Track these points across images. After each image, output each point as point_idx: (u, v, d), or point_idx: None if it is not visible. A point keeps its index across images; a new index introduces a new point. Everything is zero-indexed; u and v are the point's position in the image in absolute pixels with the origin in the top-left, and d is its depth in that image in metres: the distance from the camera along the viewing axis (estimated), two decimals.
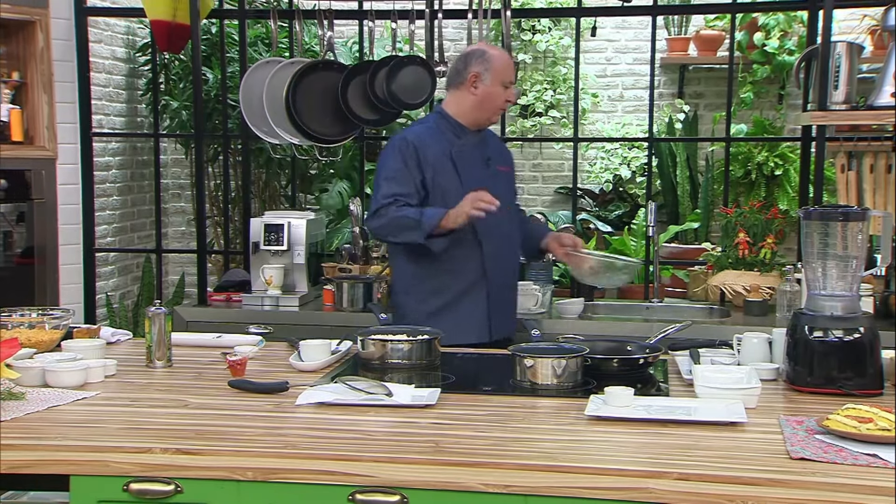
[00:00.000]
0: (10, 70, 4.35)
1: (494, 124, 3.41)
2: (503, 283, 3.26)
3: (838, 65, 3.55)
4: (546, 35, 5.81)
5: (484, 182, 3.17)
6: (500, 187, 3.22)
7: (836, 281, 2.42)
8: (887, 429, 1.92)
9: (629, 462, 1.85)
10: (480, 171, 3.25)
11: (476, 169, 3.25)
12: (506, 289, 3.29)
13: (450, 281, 3.18)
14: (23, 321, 2.75)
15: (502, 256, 3.26)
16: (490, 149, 3.33)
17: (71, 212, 4.45)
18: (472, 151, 3.26)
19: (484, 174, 3.24)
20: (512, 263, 3.35)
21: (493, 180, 3.23)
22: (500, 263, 3.24)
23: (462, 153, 3.24)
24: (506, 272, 3.29)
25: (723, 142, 4.70)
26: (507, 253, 3.29)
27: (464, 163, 3.23)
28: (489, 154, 3.30)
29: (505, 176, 3.37)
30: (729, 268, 3.70)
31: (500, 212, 3.13)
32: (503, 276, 3.26)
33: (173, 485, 1.94)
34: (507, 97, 3.25)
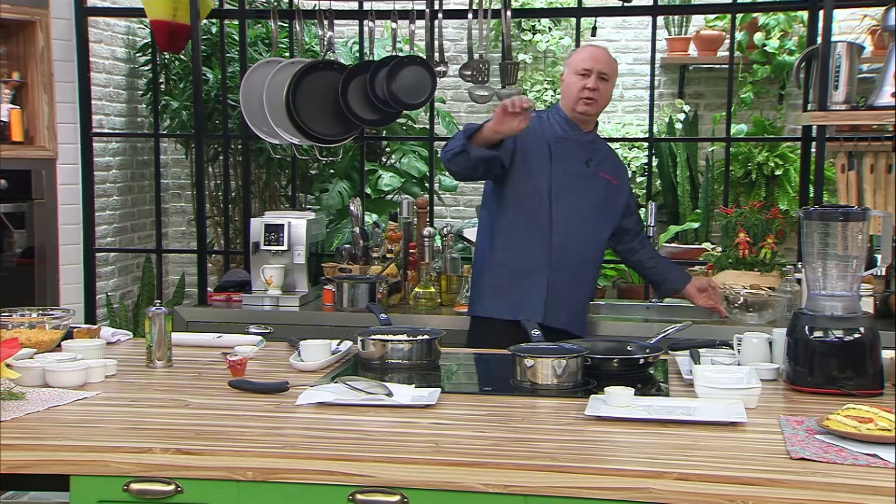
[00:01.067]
0: (10, 70, 4.35)
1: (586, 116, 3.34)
2: (571, 274, 3.28)
3: (838, 65, 3.55)
4: (546, 35, 5.81)
5: (576, 177, 3.29)
6: (594, 190, 3.33)
7: (837, 281, 2.42)
8: (887, 429, 1.92)
9: (629, 462, 1.85)
10: (577, 167, 3.31)
11: (572, 163, 3.31)
12: (574, 282, 3.30)
13: (516, 258, 3.27)
14: (23, 321, 2.75)
15: (574, 250, 3.28)
16: (598, 153, 3.39)
17: (71, 212, 4.45)
18: (574, 147, 3.33)
19: (580, 171, 3.31)
20: (586, 260, 3.36)
21: (588, 180, 3.32)
22: (570, 256, 3.28)
23: (562, 143, 3.32)
24: (575, 266, 3.30)
25: (723, 142, 4.69)
26: (581, 248, 3.31)
27: (560, 152, 3.30)
28: (594, 156, 3.36)
29: (605, 183, 3.38)
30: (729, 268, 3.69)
31: (583, 211, 3.29)
32: (571, 268, 3.28)
33: (173, 485, 1.94)
34: (585, 84, 3.27)
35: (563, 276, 3.26)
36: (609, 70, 3.34)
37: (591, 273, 3.43)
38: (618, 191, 3.43)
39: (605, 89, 3.34)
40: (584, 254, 3.34)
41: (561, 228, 3.27)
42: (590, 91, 3.28)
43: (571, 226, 3.28)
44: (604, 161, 3.41)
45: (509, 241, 3.30)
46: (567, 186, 3.29)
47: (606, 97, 3.37)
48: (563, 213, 3.27)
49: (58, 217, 4.41)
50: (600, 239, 3.41)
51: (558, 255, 3.26)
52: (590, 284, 3.44)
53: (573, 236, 3.28)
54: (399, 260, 3.97)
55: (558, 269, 3.26)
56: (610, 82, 3.35)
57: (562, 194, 3.28)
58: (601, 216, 3.38)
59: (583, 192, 3.32)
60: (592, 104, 3.31)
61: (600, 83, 3.30)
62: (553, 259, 3.26)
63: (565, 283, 3.27)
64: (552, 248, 3.26)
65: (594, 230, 3.36)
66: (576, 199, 3.30)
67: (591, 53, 3.35)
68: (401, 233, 4.03)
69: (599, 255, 3.46)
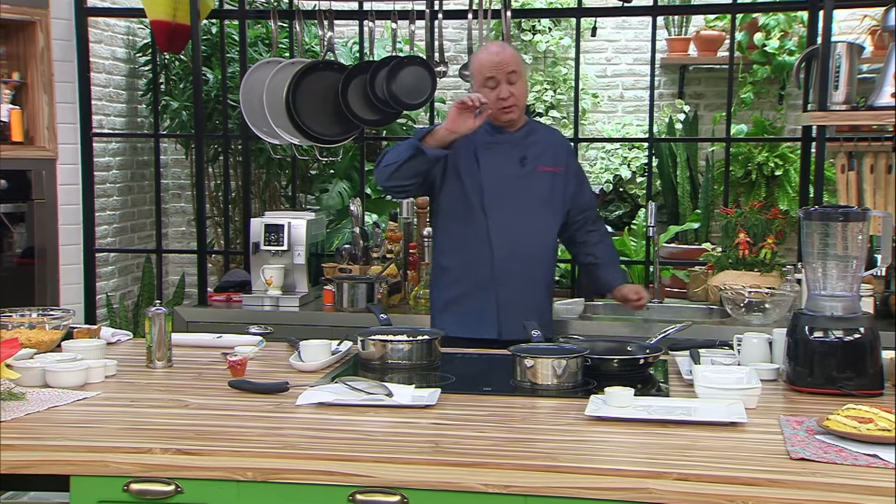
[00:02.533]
0: (10, 70, 4.35)
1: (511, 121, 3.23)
2: (521, 282, 3.20)
3: (838, 65, 3.55)
4: (546, 35, 5.81)
5: (510, 181, 3.21)
6: (535, 187, 3.24)
7: (837, 281, 2.42)
8: (887, 429, 1.92)
9: (629, 462, 1.85)
10: (510, 169, 3.23)
11: (504, 166, 3.22)
12: (527, 288, 3.21)
13: (461, 275, 3.23)
14: (23, 321, 2.75)
15: (520, 257, 3.20)
16: (534, 148, 3.27)
17: (71, 212, 4.46)
18: (504, 149, 3.25)
19: (514, 172, 3.23)
20: (536, 264, 3.26)
21: (526, 180, 3.23)
22: (516, 265, 3.19)
23: (489, 149, 3.23)
24: (525, 272, 3.21)
25: (723, 142, 4.70)
26: (528, 252, 3.22)
27: (489, 159, 3.22)
28: (527, 153, 3.26)
29: (548, 176, 3.27)
30: (729, 268, 3.69)
31: (525, 213, 3.20)
32: (520, 277, 3.20)
33: (173, 485, 1.94)
34: (498, 95, 3.15)
35: (512, 287, 3.18)
36: (514, 66, 3.18)
37: (546, 274, 3.31)
38: (564, 177, 3.31)
39: (518, 87, 3.19)
40: (533, 258, 3.24)
41: (501, 240, 3.18)
42: (504, 100, 3.16)
43: (515, 233, 3.18)
44: (543, 153, 3.28)
45: (452, 258, 3.25)
46: (501, 193, 3.20)
47: (524, 95, 3.24)
48: (501, 222, 3.18)
49: (58, 217, 4.42)
50: (551, 236, 3.30)
51: (502, 267, 3.17)
52: (546, 286, 3.31)
53: (518, 243, 3.19)
54: (399, 260, 3.97)
55: (504, 282, 3.18)
56: (520, 78, 3.20)
57: (496, 203, 3.19)
58: (548, 212, 3.28)
59: (521, 195, 3.21)
60: (511, 110, 3.19)
61: (511, 87, 3.16)
62: (496, 273, 3.18)
63: (516, 292, 3.19)
64: (494, 261, 3.18)
65: (542, 230, 3.26)
66: (514, 203, 3.20)
67: (489, 59, 3.17)
68: (401, 233, 4.03)
69: (552, 253, 3.33)
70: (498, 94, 3.16)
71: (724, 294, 3.48)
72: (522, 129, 3.29)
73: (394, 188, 3.23)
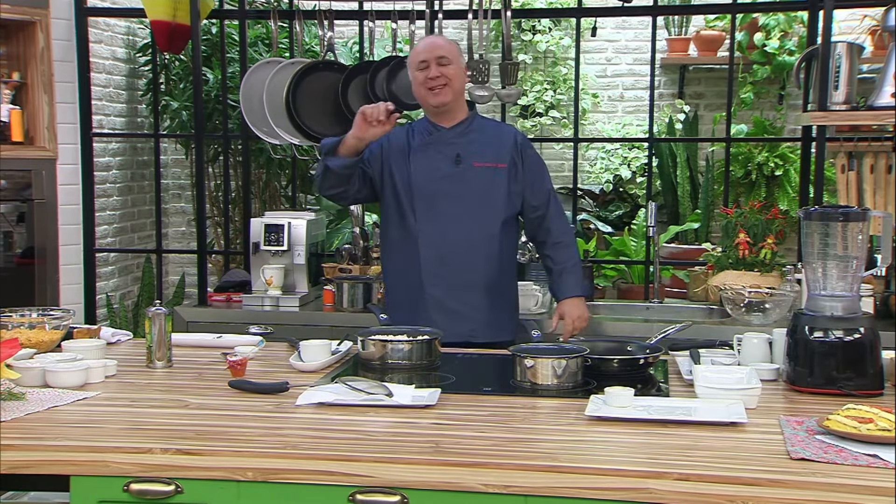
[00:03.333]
0: (10, 70, 4.35)
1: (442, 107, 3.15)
2: (454, 286, 3.11)
3: (838, 65, 3.55)
4: (546, 35, 5.81)
5: (442, 181, 3.14)
6: (471, 185, 3.15)
7: (837, 281, 2.42)
8: (887, 429, 1.92)
9: (629, 462, 1.85)
10: (443, 169, 3.15)
11: (436, 166, 3.16)
12: (466, 291, 3.11)
13: (396, 280, 3.23)
14: (23, 321, 2.75)
15: (454, 259, 3.12)
16: (472, 144, 3.18)
17: (71, 212, 4.46)
18: (436, 148, 3.18)
19: (448, 172, 3.15)
20: (474, 263, 3.15)
21: (460, 178, 3.15)
22: (446, 268, 3.12)
23: (421, 151, 3.18)
24: (457, 275, 3.12)
25: (723, 142, 4.70)
26: (462, 252, 3.13)
27: (419, 161, 3.17)
28: (462, 150, 3.17)
29: (488, 172, 3.17)
30: (729, 268, 3.69)
31: (460, 213, 3.11)
32: (452, 279, 3.12)
33: (173, 485, 1.94)
34: (427, 76, 3.11)
35: (443, 292, 3.11)
36: (446, 52, 3.13)
37: (485, 274, 3.16)
38: (509, 172, 3.19)
39: (452, 72, 3.12)
40: (465, 261, 3.13)
41: (428, 244, 3.12)
42: (433, 80, 3.11)
43: (445, 235, 3.12)
44: (482, 149, 3.19)
45: (389, 262, 3.26)
46: (432, 195, 3.14)
47: (457, 78, 3.15)
48: (430, 225, 3.13)
49: (58, 217, 4.42)
50: (490, 235, 3.16)
51: (430, 271, 3.12)
52: (486, 287, 3.16)
53: (448, 246, 3.12)
54: None
55: (434, 287, 3.12)
56: (454, 64, 3.13)
57: (426, 205, 3.14)
58: (487, 211, 3.16)
59: (454, 195, 3.14)
60: (442, 90, 3.11)
61: (442, 68, 3.11)
62: (425, 277, 3.12)
63: (447, 296, 3.11)
64: (421, 266, 3.12)
65: (478, 230, 3.14)
66: (445, 204, 3.14)
67: (423, 45, 3.18)
68: None
69: (495, 251, 3.17)
70: (426, 75, 3.12)
71: (725, 294, 3.48)
72: (460, 125, 3.21)
73: (331, 197, 3.28)
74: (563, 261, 3.25)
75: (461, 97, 3.23)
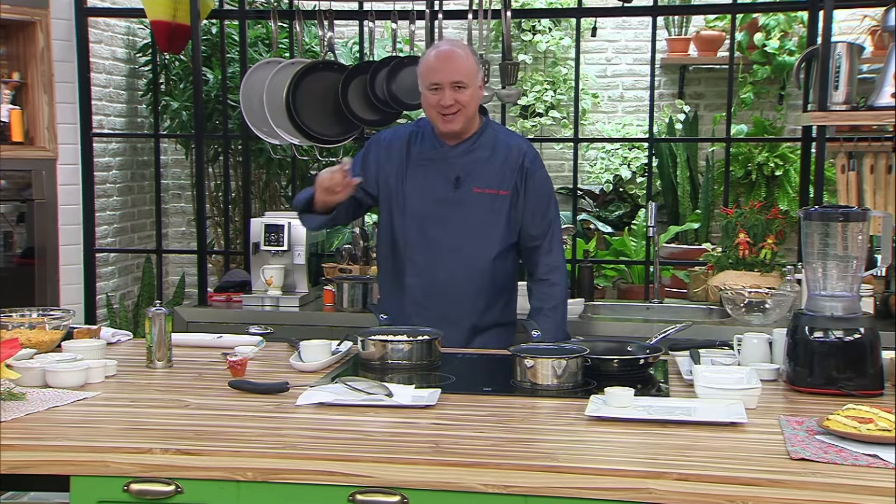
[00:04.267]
0: (10, 70, 4.35)
1: (451, 133, 2.96)
2: (438, 319, 2.89)
3: (838, 65, 3.55)
4: (546, 35, 5.81)
5: (437, 204, 2.97)
6: (469, 211, 2.96)
7: (837, 281, 2.42)
8: (887, 429, 1.92)
9: (629, 462, 1.85)
10: (440, 192, 2.97)
11: (433, 189, 2.98)
12: (442, 326, 2.80)
13: (385, 305, 3.08)
14: (23, 321, 2.75)
15: (436, 291, 2.97)
16: (475, 165, 2.98)
17: (71, 212, 4.46)
18: (439, 167, 2.99)
19: (445, 196, 2.97)
20: (458, 299, 2.97)
21: (458, 204, 2.96)
22: (431, 300, 2.97)
23: (423, 168, 3.00)
24: (442, 308, 2.95)
25: (723, 142, 4.70)
26: (448, 286, 2.97)
27: (419, 179, 2.98)
28: (463, 173, 2.97)
29: (485, 199, 2.98)
30: (729, 268, 3.69)
31: (454, 241, 2.94)
32: (437, 312, 2.94)
33: (173, 485, 1.94)
34: (439, 100, 2.88)
35: (428, 324, 2.83)
36: (463, 76, 2.87)
37: (472, 310, 2.98)
38: (511, 200, 2.98)
39: (467, 97, 2.89)
40: (452, 294, 2.96)
41: (415, 274, 2.98)
42: (445, 108, 2.88)
43: (434, 265, 2.96)
44: (485, 172, 2.98)
45: (382, 286, 3.13)
46: (425, 219, 2.97)
47: (472, 102, 2.92)
48: (419, 254, 2.97)
49: (58, 217, 4.42)
50: (483, 267, 2.97)
51: (415, 302, 2.98)
52: (471, 325, 2.98)
53: (436, 277, 2.96)
54: None
55: (420, 314, 2.95)
56: (470, 88, 2.89)
57: (417, 231, 2.98)
58: (483, 242, 2.98)
59: (449, 221, 2.96)
60: (454, 118, 2.90)
61: (457, 93, 2.87)
62: (409, 307, 2.97)
63: (434, 318, 2.89)
64: (406, 295, 2.99)
65: (471, 262, 2.97)
66: (438, 231, 2.96)
67: (437, 63, 2.90)
68: None
69: (487, 284, 2.99)
70: (440, 100, 2.89)
71: (724, 294, 3.48)
72: (466, 142, 3.00)
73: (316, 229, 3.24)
74: (543, 301, 3.04)
75: (475, 117, 3.00)
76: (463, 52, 2.93)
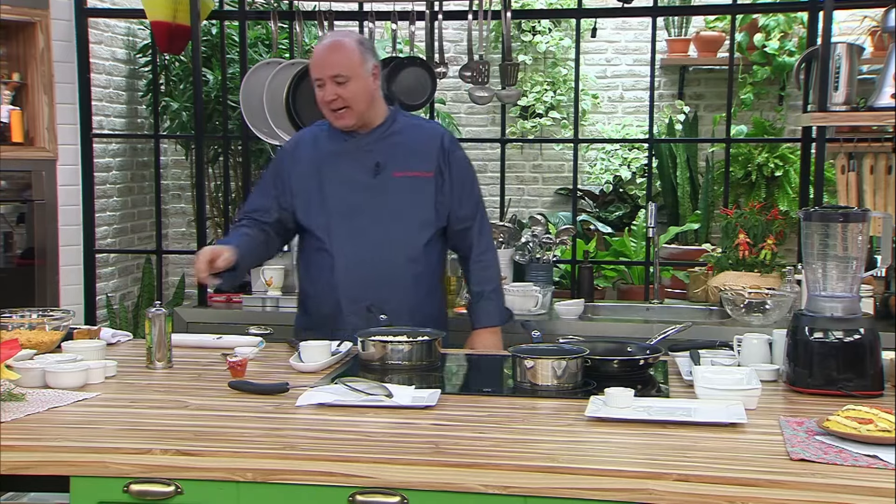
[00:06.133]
0: (10, 71, 4.35)
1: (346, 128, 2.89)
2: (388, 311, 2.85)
3: (838, 66, 3.55)
4: (546, 36, 5.82)
5: (357, 194, 2.88)
6: (390, 198, 2.90)
7: (837, 282, 2.42)
8: (887, 430, 1.91)
9: (629, 463, 1.85)
10: (359, 180, 2.89)
11: (352, 178, 2.89)
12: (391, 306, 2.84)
13: (313, 305, 3.01)
14: (23, 322, 2.75)
15: (369, 284, 2.89)
16: (394, 150, 2.92)
17: (71, 213, 4.45)
18: (355, 157, 2.91)
19: (365, 183, 2.89)
20: (392, 287, 2.91)
21: (377, 191, 2.89)
22: (365, 292, 2.89)
23: (337, 160, 2.91)
24: (377, 298, 2.88)
25: (723, 143, 4.70)
26: (379, 276, 2.89)
27: (335, 171, 2.90)
28: (382, 158, 2.90)
29: (406, 183, 2.92)
30: (729, 269, 3.69)
31: (378, 230, 2.87)
32: (372, 304, 2.87)
33: (173, 486, 1.94)
34: (323, 97, 2.82)
35: (361, 318, 2.84)
36: (343, 69, 2.79)
37: (409, 296, 2.92)
38: (436, 182, 2.93)
39: (351, 91, 2.81)
40: (386, 283, 2.90)
41: (344, 267, 2.89)
42: (328, 103, 2.83)
43: (366, 255, 2.88)
44: (405, 155, 2.92)
45: (307, 286, 3.02)
46: (347, 211, 2.89)
47: (359, 97, 2.83)
48: (346, 246, 2.88)
49: (58, 218, 4.42)
50: (414, 252, 2.92)
51: (348, 297, 2.90)
52: (410, 310, 2.90)
53: (367, 268, 2.89)
54: None
55: (352, 313, 2.89)
56: (353, 80, 2.80)
57: (340, 224, 2.89)
58: (409, 226, 2.92)
59: (372, 209, 2.88)
60: (344, 113, 2.84)
61: (339, 88, 2.80)
62: (343, 303, 2.90)
63: (367, 324, 2.82)
64: (339, 291, 2.90)
65: (400, 248, 2.91)
66: (362, 221, 2.89)
67: (318, 57, 2.84)
68: None
69: (420, 269, 2.94)
70: (323, 96, 2.83)
71: (724, 295, 3.48)
72: (379, 128, 2.93)
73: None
74: (483, 284, 3.03)
75: (371, 107, 2.91)
76: (348, 43, 2.84)
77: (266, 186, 3.01)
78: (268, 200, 2.98)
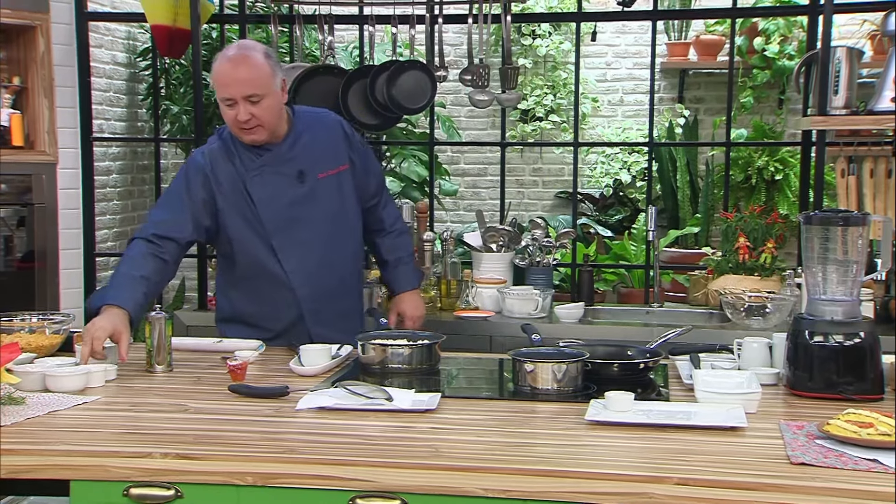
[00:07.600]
0: (10, 75, 4.35)
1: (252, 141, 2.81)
2: (335, 313, 2.94)
3: (838, 69, 3.55)
4: (546, 40, 5.82)
5: (292, 206, 2.85)
6: (323, 200, 2.89)
7: (837, 285, 2.42)
8: (888, 434, 1.91)
9: (629, 467, 1.85)
10: (288, 191, 2.85)
11: (282, 191, 2.84)
12: (339, 319, 2.92)
13: (266, 322, 2.95)
14: (23, 326, 2.75)
15: (327, 288, 2.92)
16: (310, 152, 2.88)
17: (71, 216, 4.45)
18: (278, 167, 2.84)
19: (295, 193, 2.86)
20: (346, 285, 2.99)
21: (310, 196, 2.87)
22: (325, 297, 2.92)
23: (260, 175, 2.84)
24: (337, 301, 2.95)
25: (723, 146, 4.70)
26: (335, 277, 2.94)
27: (262, 187, 2.83)
28: (304, 165, 2.87)
29: (332, 181, 2.91)
30: (729, 272, 3.69)
31: (320, 233, 2.87)
32: (333, 306, 2.93)
33: (173, 489, 1.94)
34: (235, 115, 2.71)
35: (325, 322, 2.91)
36: (256, 88, 2.70)
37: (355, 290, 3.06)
38: (352, 172, 2.95)
39: (264, 108, 2.72)
40: (341, 283, 2.97)
41: (301, 279, 2.88)
42: (242, 123, 2.73)
43: (313, 265, 2.89)
44: (322, 155, 2.90)
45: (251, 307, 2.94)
46: (287, 224, 2.86)
47: (271, 112, 2.75)
48: (296, 260, 2.87)
49: (58, 221, 4.41)
50: (352, 251, 3.00)
51: (311, 306, 2.91)
52: (355, 305, 3.05)
53: (322, 274, 2.91)
54: None
55: (319, 322, 2.91)
56: (266, 97, 2.72)
57: (284, 237, 2.86)
58: (346, 223, 2.96)
59: (309, 217, 2.87)
60: (255, 130, 2.76)
61: (253, 107, 2.71)
62: (307, 312, 2.91)
63: (329, 325, 2.91)
64: (300, 302, 2.90)
65: (345, 246, 2.96)
66: (303, 232, 2.87)
67: (227, 75, 2.71)
68: None
69: (358, 266, 3.07)
70: (236, 115, 2.73)
71: (725, 298, 3.48)
72: (290, 135, 2.87)
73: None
74: (399, 251, 3.12)
75: (281, 119, 2.84)
76: (255, 58, 2.73)
77: (176, 201, 2.84)
78: (181, 216, 2.82)
